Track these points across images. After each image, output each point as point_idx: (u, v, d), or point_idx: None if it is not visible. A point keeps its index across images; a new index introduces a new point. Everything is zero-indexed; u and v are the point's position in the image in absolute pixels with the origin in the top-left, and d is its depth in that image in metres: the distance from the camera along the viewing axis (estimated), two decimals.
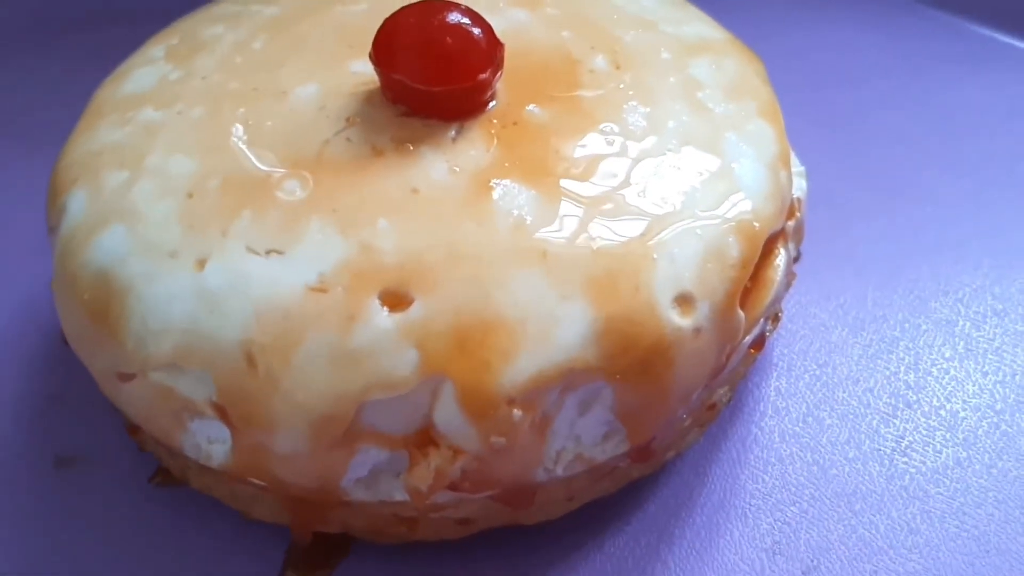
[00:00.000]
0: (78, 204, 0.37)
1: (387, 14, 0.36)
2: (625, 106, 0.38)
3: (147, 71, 0.42)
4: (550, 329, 0.31)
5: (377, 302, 0.32)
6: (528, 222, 0.33)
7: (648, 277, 0.33)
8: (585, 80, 0.39)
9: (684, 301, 0.33)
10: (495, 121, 0.36)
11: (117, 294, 0.34)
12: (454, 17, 0.36)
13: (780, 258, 0.38)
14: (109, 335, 0.34)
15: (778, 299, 0.38)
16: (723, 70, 0.40)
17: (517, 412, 0.31)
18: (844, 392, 0.44)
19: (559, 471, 0.34)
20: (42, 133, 0.54)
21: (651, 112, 0.37)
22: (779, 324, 0.44)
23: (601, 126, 0.37)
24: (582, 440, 0.34)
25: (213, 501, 0.39)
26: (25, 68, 0.64)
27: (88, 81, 0.45)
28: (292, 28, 0.42)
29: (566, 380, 0.32)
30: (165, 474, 0.41)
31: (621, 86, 0.38)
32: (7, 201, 0.54)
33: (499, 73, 0.37)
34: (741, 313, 0.35)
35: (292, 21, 0.42)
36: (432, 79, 0.35)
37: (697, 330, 0.33)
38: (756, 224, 0.35)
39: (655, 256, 0.33)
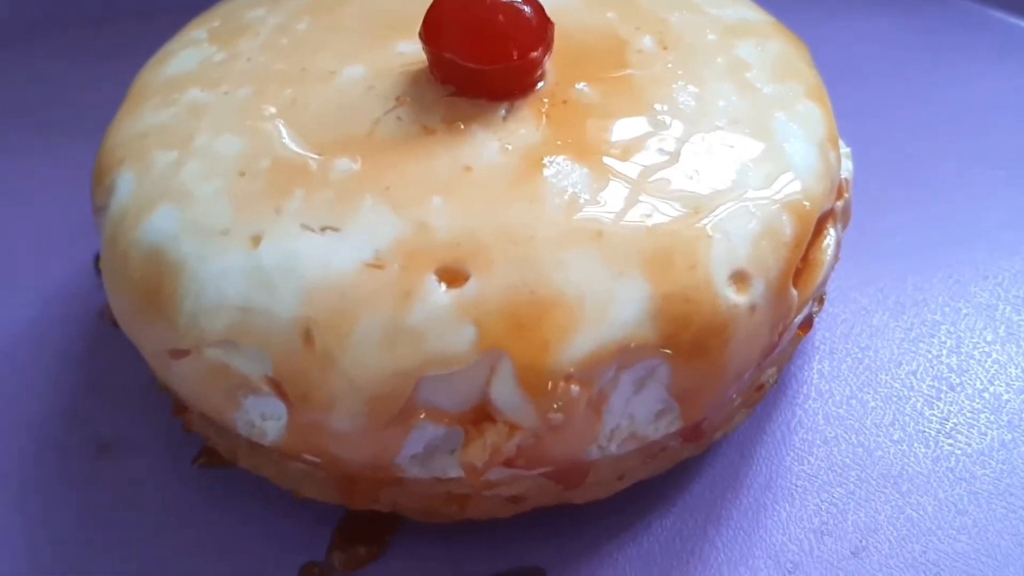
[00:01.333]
0: (127, 184, 0.37)
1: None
2: (674, 86, 0.38)
3: (190, 53, 0.42)
4: (607, 306, 0.31)
5: (434, 278, 0.32)
6: (582, 200, 0.33)
7: (704, 254, 0.33)
8: (633, 60, 0.39)
9: (740, 278, 0.33)
10: (545, 100, 0.36)
11: (170, 273, 0.34)
12: None
13: (830, 238, 0.38)
14: (162, 313, 0.34)
15: (827, 279, 0.38)
16: (769, 52, 0.40)
17: (574, 388, 0.31)
18: (887, 375, 0.44)
19: (612, 448, 0.34)
20: (76, 121, 0.55)
21: (700, 92, 0.37)
22: (823, 306, 0.43)
23: (652, 105, 0.36)
24: (636, 418, 0.34)
25: (257, 483, 0.39)
26: (60, 56, 0.64)
27: (123, 69, 0.45)
28: (335, 10, 0.42)
29: (623, 357, 0.32)
30: (210, 455, 0.41)
31: (669, 66, 0.38)
32: (43, 189, 0.54)
33: (549, 52, 0.37)
34: (794, 291, 0.35)
35: (334, 3, 0.42)
36: (483, 57, 0.35)
37: (752, 307, 0.33)
38: (807, 203, 0.35)
39: (711, 234, 0.33)
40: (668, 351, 0.32)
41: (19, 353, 0.47)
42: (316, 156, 0.35)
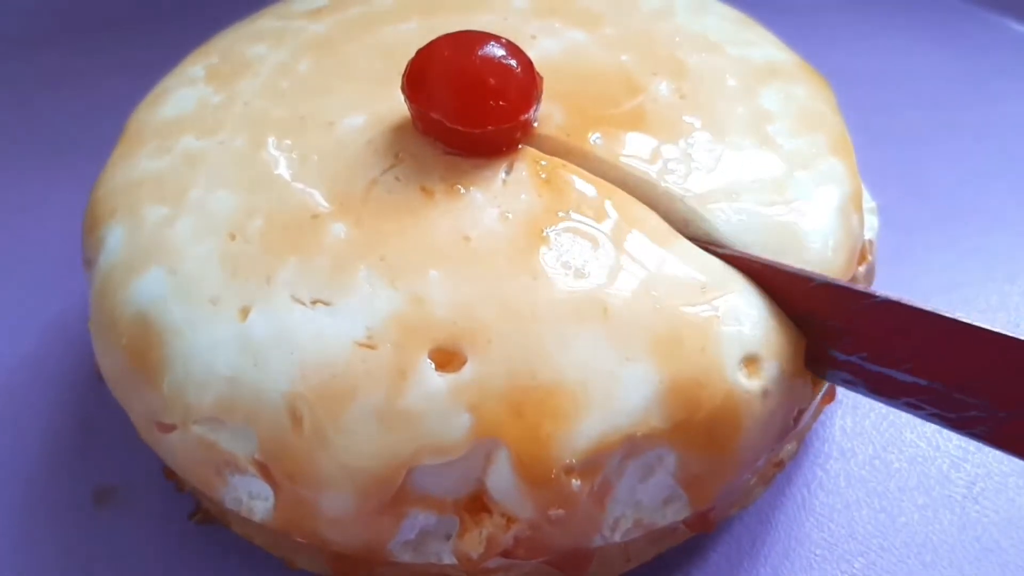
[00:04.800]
0: (116, 240, 0.35)
1: (433, 38, 0.35)
2: (690, 140, 0.36)
3: (187, 93, 0.40)
4: (612, 392, 0.30)
5: (428, 361, 0.30)
6: (586, 276, 0.31)
7: (714, 337, 0.31)
8: (648, 110, 0.37)
9: (751, 362, 0.31)
10: (543, 162, 0.35)
11: (157, 341, 0.33)
12: (491, 51, 0.34)
13: None
14: (148, 383, 0.33)
15: None
16: (793, 99, 0.38)
17: (576, 481, 0.30)
18: (912, 433, 0.42)
19: (616, 537, 0.33)
20: (76, 143, 0.53)
21: (718, 149, 0.36)
22: None
23: (665, 164, 0.35)
24: (641, 506, 0.32)
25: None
26: (59, 77, 0.63)
27: (125, 88, 0.43)
28: (338, 50, 0.40)
29: (628, 446, 0.30)
30: (206, 512, 0.39)
31: (686, 119, 0.36)
32: (40, 219, 0.53)
33: (538, 106, 0.35)
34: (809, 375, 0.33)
35: (338, 42, 0.40)
36: (470, 122, 0.34)
37: (765, 393, 0.31)
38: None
39: (721, 315, 0.31)
40: (676, 439, 0.31)
41: (14, 393, 0.45)
42: (311, 218, 0.33)
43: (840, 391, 0.43)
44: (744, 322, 0.31)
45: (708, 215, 0.34)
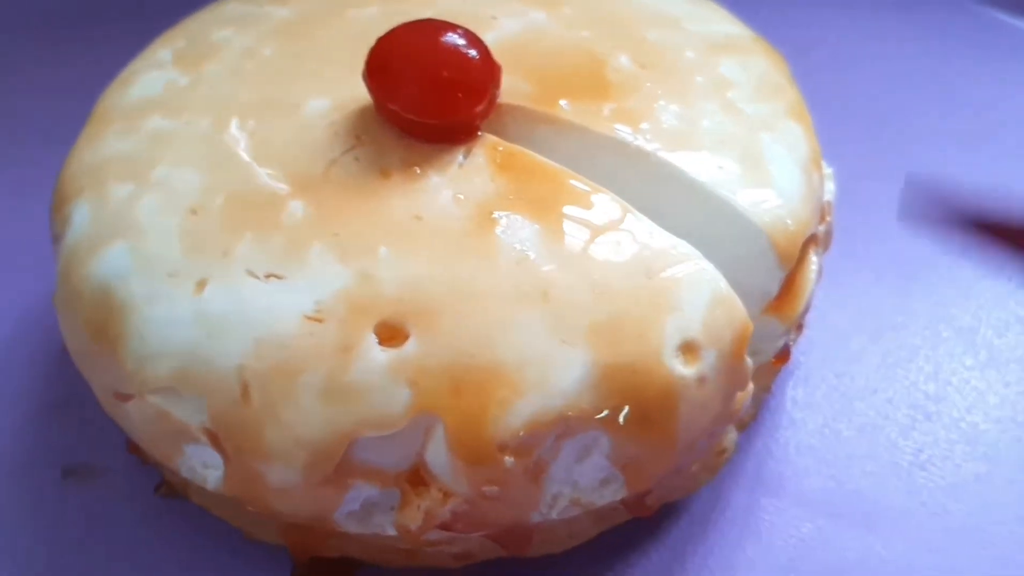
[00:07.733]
0: (82, 216, 0.36)
1: (397, 22, 0.35)
2: (656, 104, 0.37)
3: (154, 76, 0.41)
4: (547, 374, 0.30)
5: (372, 336, 0.31)
6: (531, 258, 0.32)
7: (653, 323, 0.32)
8: (612, 80, 0.38)
9: (689, 349, 0.32)
10: (500, 148, 0.35)
11: (117, 313, 0.33)
12: (448, 41, 0.35)
13: (813, 264, 0.38)
14: (109, 354, 0.34)
15: (809, 307, 0.38)
16: (750, 70, 0.40)
17: (509, 459, 0.31)
18: (862, 403, 0.43)
19: (553, 515, 0.34)
20: (47, 130, 0.53)
21: (683, 111, 0.37)
22: (802, 332, 0.42)
23: (636, 125, 0.36)
24: (579, 485, 0.33)
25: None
26: (27, 64, 0.63)
27: (93, 75, 0.44)
28: (303, 34, 0.41)
29: (561, 427, 0.31)
30: (170, 485, 0.40)
31: (648, 85, 0.38)
32: (10, 203, 0.53)
33: (496, 95, 0.36)
34: (749, 360, 0.34)
35: (303, 27, 0.41)
36: (428, 113, 0.35)
37: (702, 379, 0.32)
38: (791, 228, 0.35)
39: (662, 301, 0.32)
40: (609, 424, 0.31)
41: None
42: (270, 196, 0.34)
43: (795, 351, 0.44)
44: (686, 308, 0.32)
45: (684, 167, 0.35)
